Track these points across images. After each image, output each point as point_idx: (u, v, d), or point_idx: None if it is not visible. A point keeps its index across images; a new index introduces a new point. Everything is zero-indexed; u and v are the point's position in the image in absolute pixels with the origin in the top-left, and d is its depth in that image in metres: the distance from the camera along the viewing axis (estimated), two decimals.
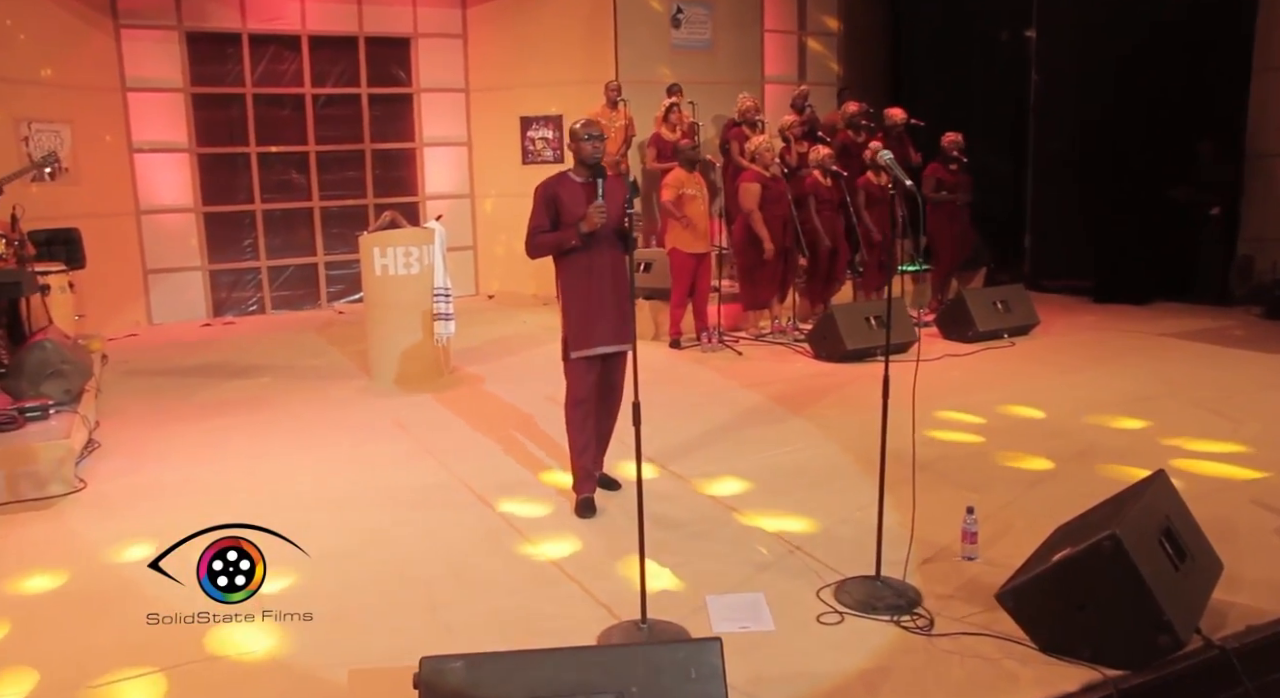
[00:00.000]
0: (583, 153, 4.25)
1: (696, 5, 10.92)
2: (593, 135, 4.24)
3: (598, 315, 4.31)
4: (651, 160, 9.33)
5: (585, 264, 4.29)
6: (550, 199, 4.29)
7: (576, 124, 4.31)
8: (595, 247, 4.27)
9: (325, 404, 6.54)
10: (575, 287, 4.34)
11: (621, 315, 4.31)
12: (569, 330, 4.38)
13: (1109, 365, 7.01)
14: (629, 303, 4.26)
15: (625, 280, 4.27)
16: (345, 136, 10.75)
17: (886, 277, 9.13)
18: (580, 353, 4.36)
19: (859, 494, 4.51)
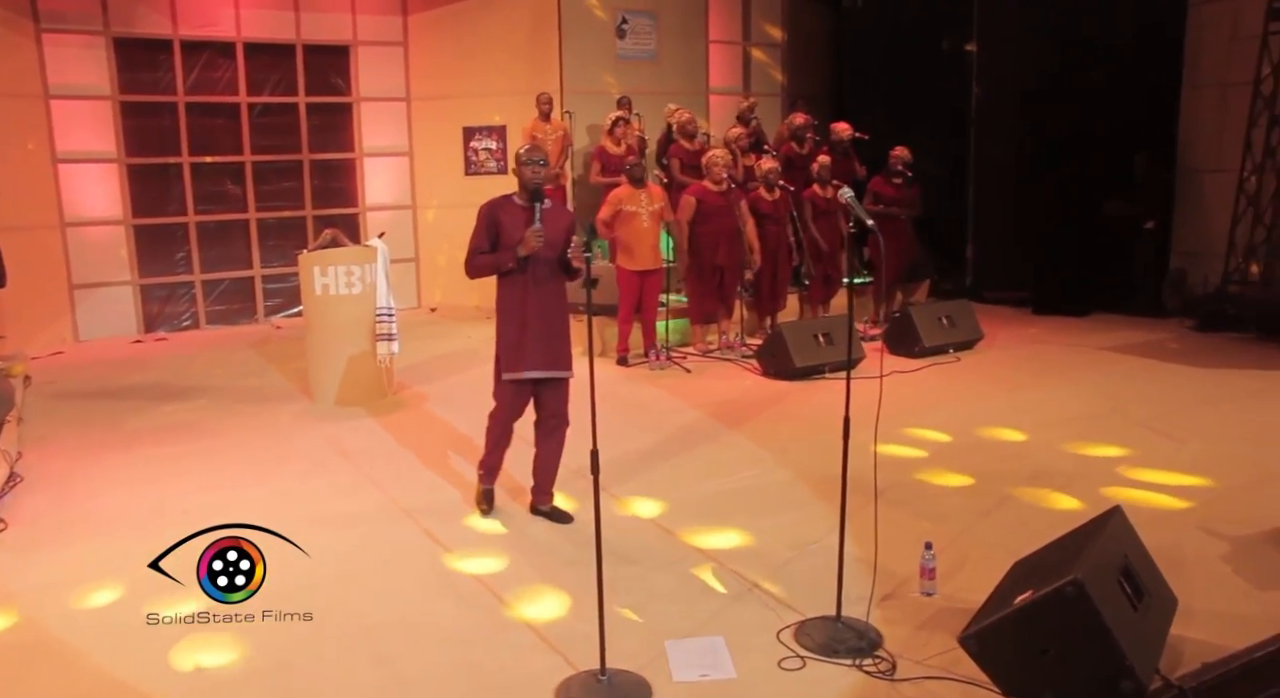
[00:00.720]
0: (523, 177, 4.30)
1: (641, 15, 10.85)
2: (534, 160, 4.29)
3: (528, 340, 4.34)
4: (595, 175, 9.24)
5: (521, 288, 4.33)
6: (491, 221, 4.35)
7: (521, 149, 4.37)
8: (534, 271, 4.31)
9: (265, 430, 6.33)
10: (509, 309, 4.40)
11: (556, 342, 4.39)
12: (499, 352, 4.46)
13: (1053, 382, 7.10)
14: (566, 330, 4.45)
15: (563, 307, 4.40)
16: (282, 146, 10.47)
17: (832, 290, 9.18)
18: (509, 376, 4.41)
19: (816, 523, 4.48)
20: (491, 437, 4.65)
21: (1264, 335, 8.25)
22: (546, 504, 4.69)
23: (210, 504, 4.92)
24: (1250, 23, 8.75)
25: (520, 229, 4.25)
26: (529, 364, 4.38)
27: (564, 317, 4.49)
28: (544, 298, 4.35)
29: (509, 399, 4.51)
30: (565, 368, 4.47)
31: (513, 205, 4.36)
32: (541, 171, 4.30)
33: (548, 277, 4.35)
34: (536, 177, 4.28)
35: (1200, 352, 7.93)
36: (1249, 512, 4.44)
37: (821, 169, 8.72)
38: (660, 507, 4.78)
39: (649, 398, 6.97)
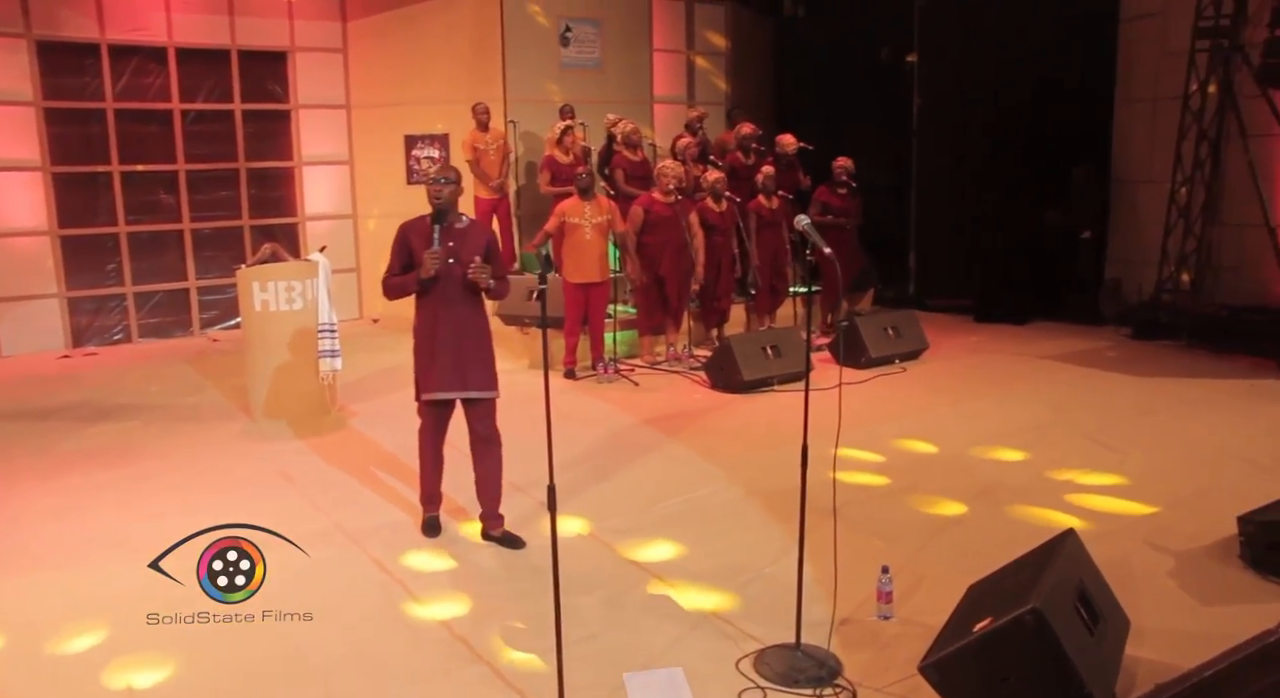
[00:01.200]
0: (428, 197, 4.31)
1: (585, 24, 10.79)
2: (436, 180, 4.29)
3: (439, 361, 4.36)
4: (545, 184, 9.15)
5: (432, 308, 4.37)
6: (404, 241, 4.40)
7: (431, 169, 4.39)
8: (443, 291, 4.32)
9: (203, 453, 6.12)
10: (420, 330, 4.44)
11: (471, 362, 4.38)
12: (415, 372, 4.50)
13: (998, 392, 7.20)
14: (484, 349, 4.45)
15: (480, 326, 4.42)
16: (218, 155, 10.19)
17: (778, 301, 9.22)
18: (422, 396, 4.47)
19: (770, 543, 4.46)
20: (421, 460, 4.65)
21: (1195, 343, 8.47)
22: (498, 530, 4.62)
23: (145, 534, 4.73)
24: (1178, 39, 8.97)
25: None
26: (439, 385, 4.39)
27: (481, 336, 4.47)
28: (456, 318, 4.35)
29: (427, 419, 4.54)
30: (483, 388, 4.45)
31: (424, 225, 4.35)
32: (444, 191, 4.28)
33: (459, 296, 4.34)
34: (440, 195, 4.27)
35: (1136, 360, 8.11)
36: (1190, 525, 4.53)
37: (766, 180, 8.75)
38: (612, 529, 4.71)
39: (597, 412, 6.91)
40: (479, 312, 4.46)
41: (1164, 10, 9.28)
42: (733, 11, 11.89)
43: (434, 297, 4.34)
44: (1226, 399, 6.85)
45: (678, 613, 3.85)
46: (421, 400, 4.49)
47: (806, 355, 3.93)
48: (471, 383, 4.41)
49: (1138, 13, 9.54)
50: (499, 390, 4.53)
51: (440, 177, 4.31)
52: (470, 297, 4.38)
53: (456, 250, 4.30)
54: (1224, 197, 8.84)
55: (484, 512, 4.65)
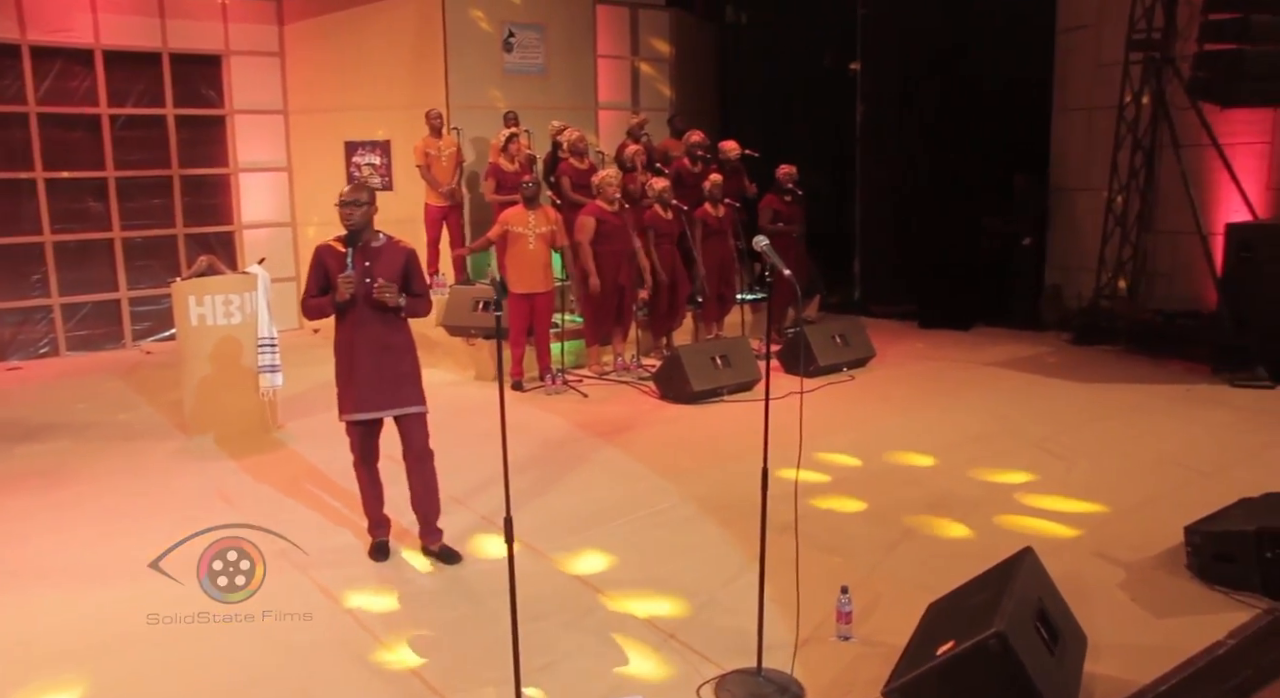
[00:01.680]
0: (340, 217, 4.26)
1: (528, 29, 10.68)
2: (348, 202, 4.23)
3: (357, 381, 4.36)
4: (490, 192, 9.02)
5: (348, 329, 4.36)
6: (320, 264, 4.36)
7: (344, 189, 4.31)
8: (359, 312, 4.30)
9: (137, 475, 5.89)
10: (339, 350, 4.45)
11: (391, 381, 4.38)
12: (337, 393, 4.49)
13: (946, 401, 7.26)
14: (407, 367, 4.44)
15: (400, 345, 4.40)
16: (150, 161, 9.88)
17: (726, 309, 9.21)
18: (342, 417, 4.47)
19: (728, 562, 4.42)
20: (360, 485, 4.63)
21: (1133, 348, 8.66)
22: (435, 544, 4.59)
23: (74, 564, 4.55)
24: (1112, 50, 9.17)
25: (343, 271, 4.24)
26: (358, 406, 4.39)
27: (401, 353, 4.44)
28: (373, 337, 4.33)
29: (354, 441, 4.52)
30: (406, 404, 4.44)
31: (341, 248, 4.30)
32: (355, 213, 4.22)
33: (374, 316, 4.31)
34: (351, 217, 4.22)
35: (1078, 366, 8.25)
36: (1138, 535, 4.59)
37: (713, 188, 8.73)
38: (564, 548, 4.63)
39: (546, 425, 6.81)
40: (397, 329, 4.42)
41: (1098, 22, 9.48)
42: (676, 18, 11.89)
43: (350, 317, 4.32)
44: (1165, 404, 7.00)
45: (636, 637, 3.78)
46: (345, 422, 4.48)
47: (767, 370, 3.88)
48: (392, 401, 4.41)
49: (1073, 24, 9.74)
50: (426, 405, 4.52)
51: (352, 198, 4.24)
52: (386, 315, 4.34)
53: (372, 270, 4.28)
54: (1158, 205, 9.05)
55: (422, 528, 4.61)
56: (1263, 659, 3.59)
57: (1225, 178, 8.35)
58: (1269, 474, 5.27)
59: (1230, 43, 7.68)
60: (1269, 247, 7.61)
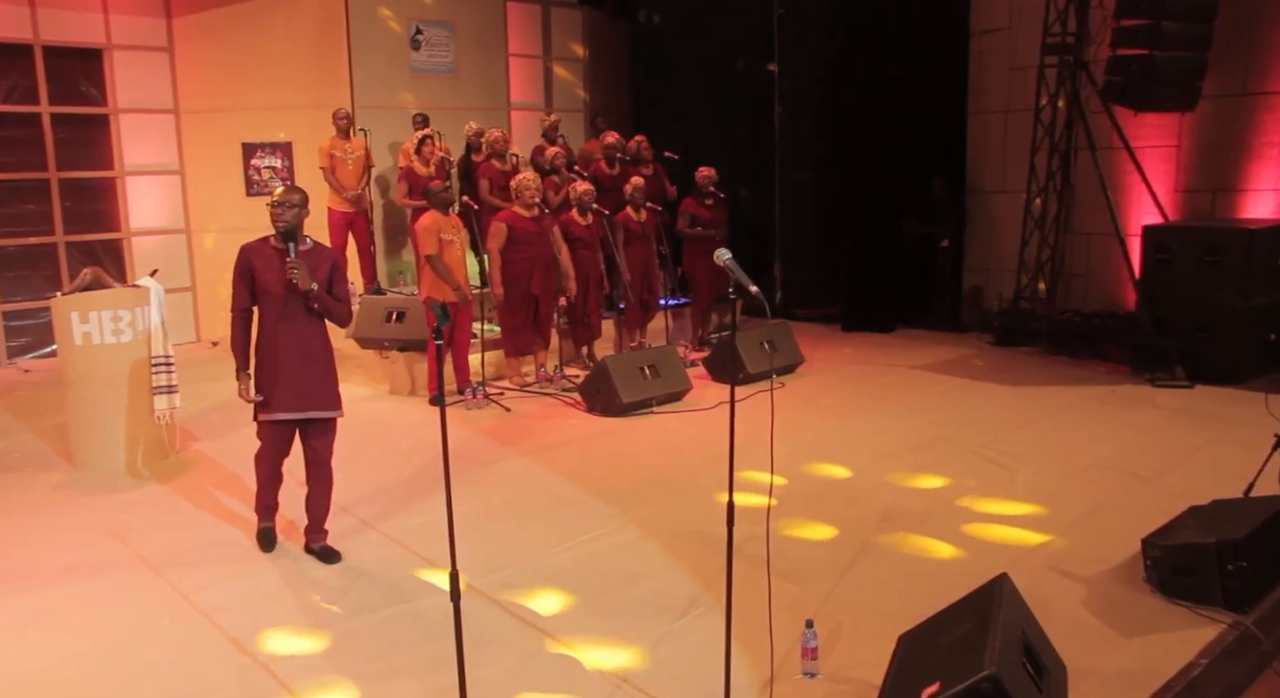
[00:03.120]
0: (273, 220, 4.32)
1: (437, 26, 10.26)
2: (282, 203, 4.30)
3: (280, 381, 4.37)
4: (402, 196, 8.59)
5: (272, 329, 4.38)
6: (246, 269, 4.38)
7: (277, 191, 4.38)
8: (284, 312, 4.34)
9: (15, 511, 5.32)
10: (260, 351, 4.43)
11: (312, 382, 4.41)
12: (256, 392, 4.44)
13: (879, 407, 7.15)
14: (327, 368, 4.49)
15: (322, 346, 4.46)
16: (23, 163, 9.11)
17: (649, 315, 8.97)
18: (262, 417, 4.44)
19: (678, 594, 4.15)
20: (259, 475, 4.62)
21: (1054, 349, 8.73)
22: (319, 543, 4.65)
23: None
24: (1026, 54, 9.25)
25: (274, 272, 4.30)
26: (282, 406, 4.39)
27: (325, 355, 4.50)
28: (298, 337, 4.38)
29: (266, 438, 4.50)
30: (326, 408, 4.49)
31: (268, 248, 4.38)
32: (287, 214, 4.29)
33: (300, 315, 4.37)
34: (283, 218, 4.29)
35: (1003, 368, 8.26)
36: (1091, 548, 4.49)
37: (635, 192, 8.48)
38: (501, 583, 4.29)
39: (469, 444, 6.44)
40: (321, 331, 4.49)
41: (1011, 25, 9.56)
42: (589, 17, 11.60)
43: (275, 316, 4.34)
44: (1094, 406, 7.02)
45: (587, 681, 3.49)
46: (262, 422, 4.45)
47: (732, 377, 3.63)
48: (315, 403, 4.44)
49: (986, 27, 9.80)
50: (342, 411, 4.56)
51: (284, 200, 4.31)
52: (312, 316, 4.40)
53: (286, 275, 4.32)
54: (1075, 206, 9.16)
55: (310, 526, 4.66)
56: (1233, 676, 3.50)
57: (1137, 180, 8.47)
58: (1205, 477, 5.28)
59: (1142, 48, 7.78)
60: (1184, 248, 7.74)
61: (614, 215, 8.42)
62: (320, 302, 4.37)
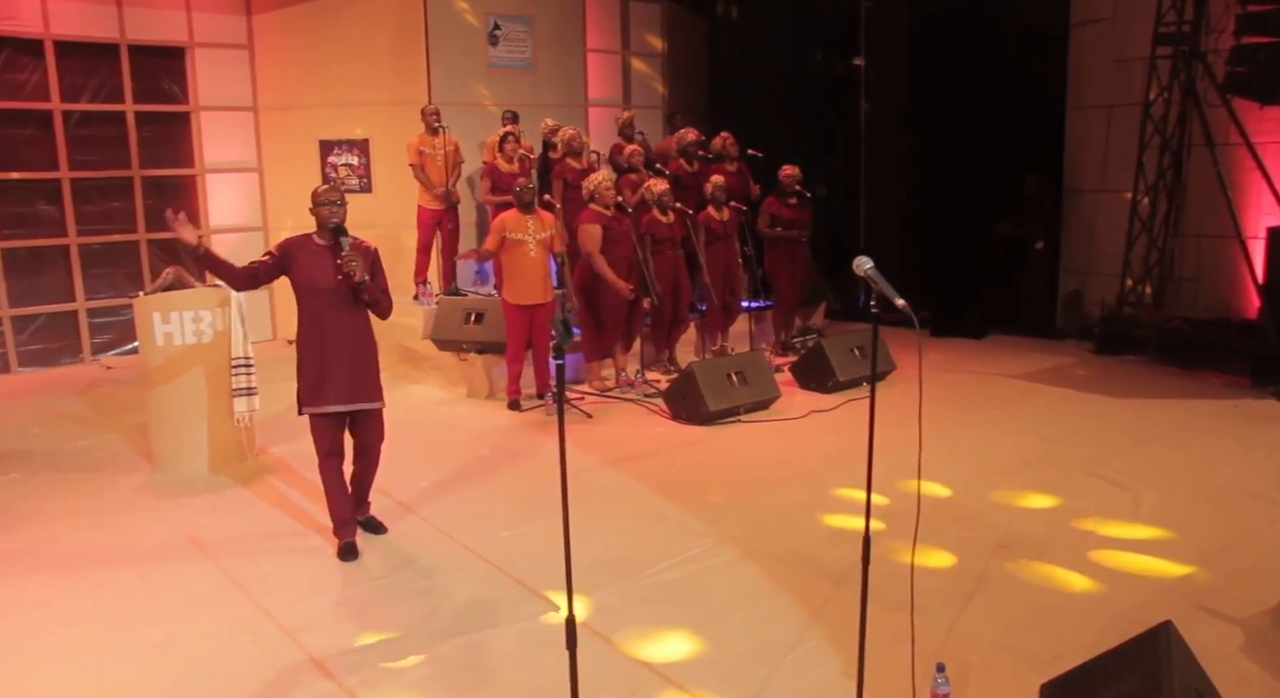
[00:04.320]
0: (320, 217, 4.43)
1: (515, 21, 10.07)
2: (329, 201, 4.41)
3: (328, 374, 4.44)
4: (485, 193, 8.40)
5: (320, 324, 4.43)
6: (284, 256, 4.45)
7: (319, 188, 4.50)
8: (330, 305, 4.41)
9: (96, 514, 5.24)
10: (307, 344, 4.49)
11: (359, 374, 4.49)
12: (300, 386, 4.51)
13: (979, 419, 6.76)
14: (372, 359, 4.58)
15: (368, 340, 4.56)
16: (108, 161, 9.16)
17: (731, 318, 8.67)
18: (308, 409, 4.49)
19: (785, 625, 3.86)
20: (325, 482, 4.61)
21: (1160, 358, 8.22)
22: (363, 514, 4.86)
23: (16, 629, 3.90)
24: (1133, 45, 8.75)
25: (317, 269, 4.40)
26: (328, 399, 4.46)
27: (370, 348, 4.59)
28: (345, 332, 4.45)
29: (319, 432, 4.53)
30: (371, 399, 4.58)
31: (313, 244, 4.46)
32: (339, 211, 4.40)
33: (348, 309, 4.44)
34: (336, 214, 4.40)
35: (1107, 379, 7.80)
36: (1240, 583, 4.10)
37: (716, 190, 8.19)
38: (596, 609, 4.04)
39: (551, 452, 6.17)
40: (367, 324, 4.57)
41: (1116, 15, 9.04)
42: (668, 11, 11.32)
43: (324, 310, 4.42)
44: (1214, 422, 6.54)
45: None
46: (313, 415, 4.49)
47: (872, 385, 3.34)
48: (362, 395, 4.53)
49: (1089, 17, 9.29)
50: (384, 402, 4.68)
51: (333, 199, 4.42)
52: (358, 308, 4.48)
53: (343, 268, 4.39)
54: (1186, 207, 8.62)
55: (354, 498, 4.77)
56: None
57: (1256, 178, 7.92)
58: None
59: (1271, 36, 7.25)
60: None
61: (695, 214, 8.14)
62: (370, 293, 4.43)
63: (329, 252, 4.42)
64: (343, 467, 4.64)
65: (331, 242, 4.42)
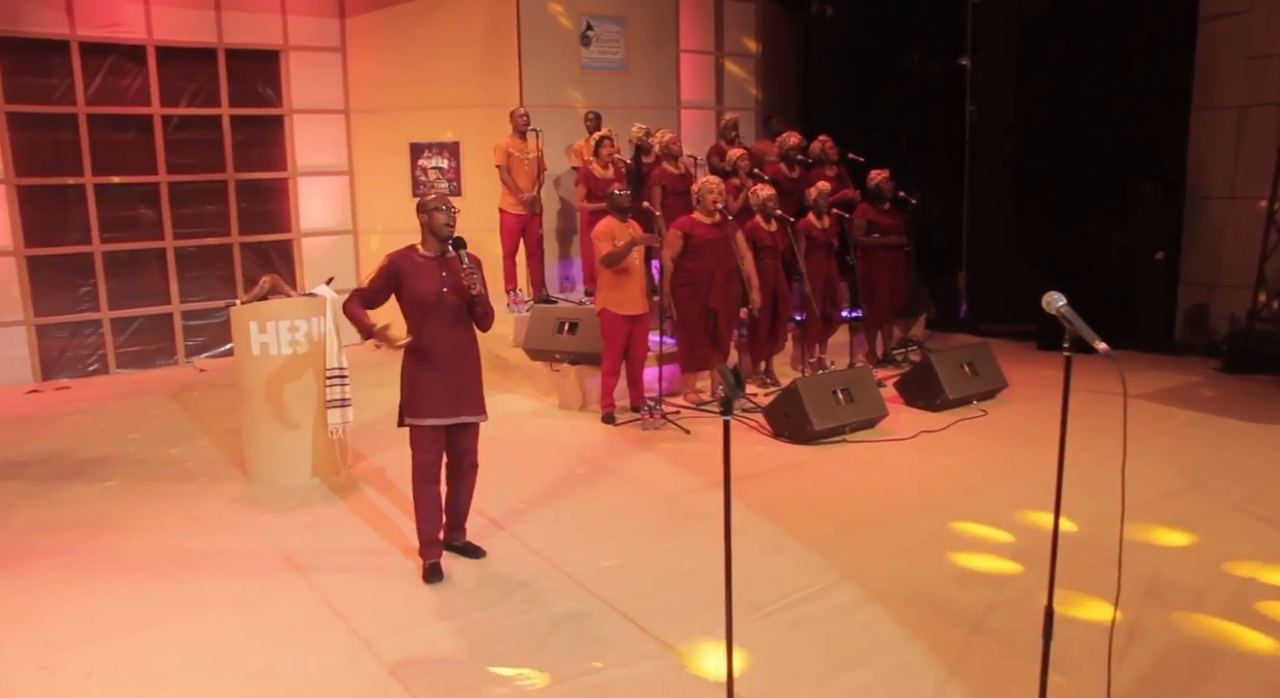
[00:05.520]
0: (435, 223, 4.28)
1: (608, 22, 9.86)
2: (445, 208, 4.30)
3: (432, 386, 4.34)
4: (581, 199, 8.18)
5: (427, 336, 4.31)
6: (393, 274, 4.31)
7: (429, 194, 4.43)
8: (436, 317, 4.30)
9: (192, 530, 5.14)
10: (414, 357, 4.37)
11: (464, 386, 4.40)
12: (403, 397, 4.43)
13: (1105, 444, 6.22)
14: (477, 373, 4.49)
15: (471, 352, 4.45)
16: (204, 165, 9.21)
17: (831, 329, 8.33)
18: (412, 420, 4.40)
19: (920, 680, 3.54)
20: (418, 501, 4.46)
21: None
22: (460, 539, 4.70)
23: (103, 654, 3.79)
24: (1270, 40, 8.16)
25: (426, 282, 4.27)
26: (432, 411, 4.36)
27: (476, 361, 4.52)
28: (453, 344, 4.36)
29: (420, 444, 4.42)
30: (475, 412, 4.48)
31: (418, 256, 4.34)
32: (454, 221, 4.30)
33: (456, 323, 4.36)
34: (449, 225, 4.28)
35: (1240, 400, 7.27)
36: None
37: (820, 196, 7.86)
38: (710, 652, 3.77)
39: (653, 472, 5.97)
40: (474, 336, 4.48)
41: (1251, 8, 8.45)
42: (764, 10, 11.00)
43: (433, 323, 4.30)
44: None
45: None
46: (415, 427, 4.39)
47: (1063, 430, 3.03)
48: (467, 408, 4.44)
49: (1220, 11, 8.69)
50: (486, 415, 4.57)
51: (449, 207, 4.31)
52: (464, 321, 4.39)
53: (450, 280, 4.30)
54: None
55: (449, 523, 4.65)
56: None
57: None
58: None
59: None
60: None
61: (796, 222, 7.82)
62: (482, 305, 4.35)
63: (436, 263, 4.32)
64: (439, 486, 4.50)
65: (439, 252, 4.32)
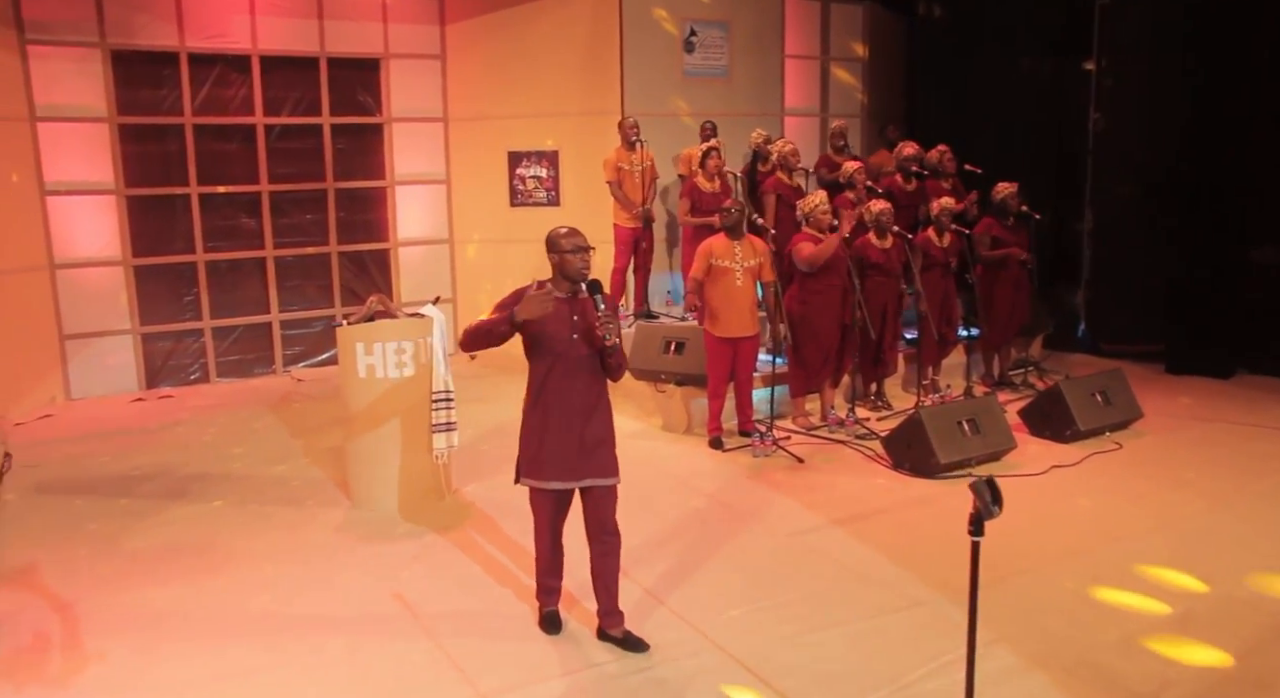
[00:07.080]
0: (570, 267, 3.85)
1: (712, 26, 9.55)
2: (581, 249, 3.85)
3: (549, 447, 3.90)
4: (684, 213, 7.89)
5: (551, 386, 3.88)
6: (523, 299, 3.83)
7: (560, 230, 3.89)
8: (562, 364, 3.86)
9: (296, 555, 5.03)
10: (530, 409, 3.97)
11: (590, 445, 3.90)
12: (520, 452, 4.03)
13: (1258, 485, 5.81)
14: (605, 432, 3.94)
15: (601, 405, 3.95)
16: (304, 174, 9.18)
17: (946, 351, 7.91)
18: (523, 481, 4.02)
19: None
20: (539, 547, 4.15)
21: None
22: (618, 630, 4.08)
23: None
24: None
25: (554, 322, 3.81)
26: (548, 474, 3.93)
27: (604, 418, 3.97)
28: (576, 398, 3.87)
29: (537, 506, 4.05)
30: (600, 475, 3.95)
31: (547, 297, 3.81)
32: (590, 259, 3.86)
33: (582, 373, 3.88)
34: (586, 266, 3.85)
35: None
36: None
37: (943, 213, 7.46)
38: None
39: (766, 504, 5.66)
40: (604, 387, 3.99)
41: None
42: (871, 13, 10.57)
43: (559, 371, 3.86)
44: None
45: None
46: (534, 489, 4.00)
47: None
48: (593, 470, 3.93)
49: None
50: (619, 477, 4.00)
51: (583, 245, 3.86)
52: (594, 371, 3.92)
53: (581, 325, 3.85)
54: None
55: (602, 608, 4.11)
56: None
57: None
58: None
59: None
60: None
61: (914, 239, 7.43)
62: (616, 356, 3.86)
63: (567, 305, 3.85)
64: (560, 533, 4.14)
65: (570, 293, 3.87)
